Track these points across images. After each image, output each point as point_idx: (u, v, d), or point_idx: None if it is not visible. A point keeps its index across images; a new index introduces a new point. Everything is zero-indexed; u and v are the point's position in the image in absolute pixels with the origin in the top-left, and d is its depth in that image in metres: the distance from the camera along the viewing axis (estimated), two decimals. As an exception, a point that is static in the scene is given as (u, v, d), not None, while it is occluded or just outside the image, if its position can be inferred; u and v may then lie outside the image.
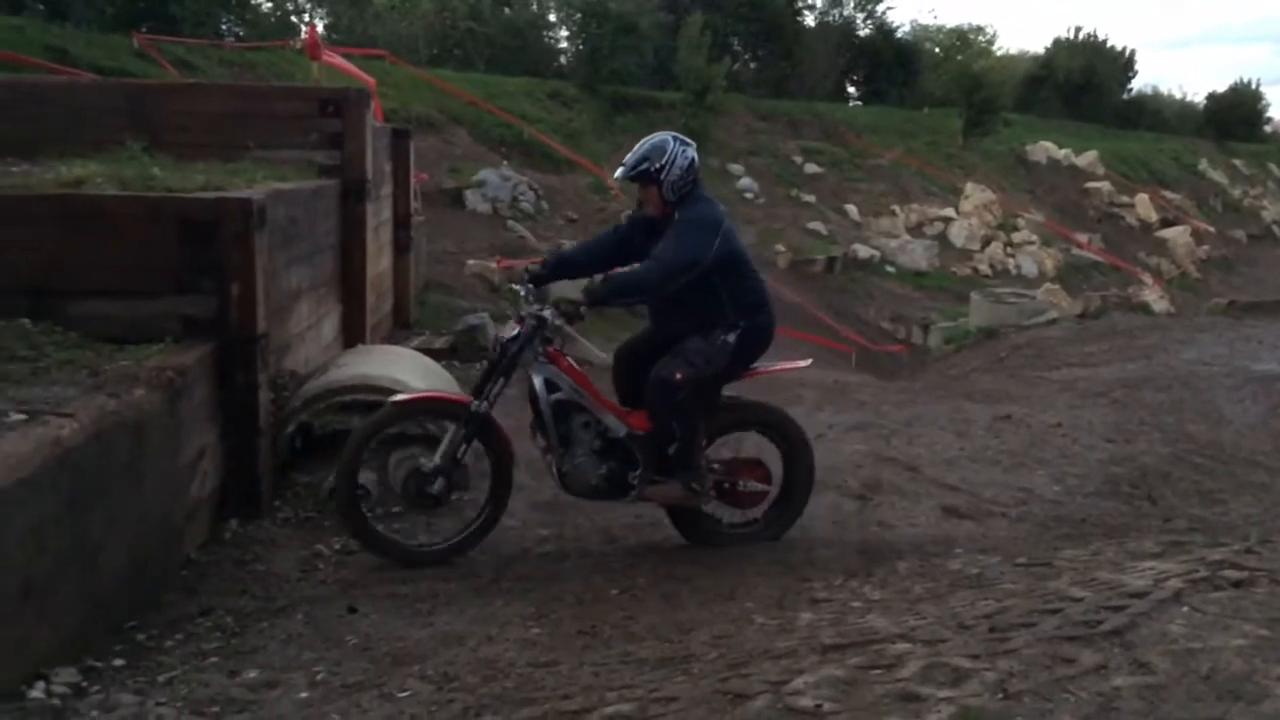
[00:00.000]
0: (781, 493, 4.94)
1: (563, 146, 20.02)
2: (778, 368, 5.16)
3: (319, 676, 3.22)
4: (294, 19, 22.77)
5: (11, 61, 10.04)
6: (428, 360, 6.44)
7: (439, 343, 9.20)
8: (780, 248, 19.75)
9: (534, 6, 26.33)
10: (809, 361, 5.68)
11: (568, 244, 15.74)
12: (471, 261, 13.44)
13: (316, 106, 6.85)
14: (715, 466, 4.78)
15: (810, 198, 22.52)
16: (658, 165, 4.52)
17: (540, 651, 3.46)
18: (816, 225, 21.31)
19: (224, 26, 17.96)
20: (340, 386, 5.25)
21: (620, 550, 4.82)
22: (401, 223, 9.71)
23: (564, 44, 26.81)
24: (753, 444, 5.00)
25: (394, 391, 5.29)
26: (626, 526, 5.09)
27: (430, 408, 4.74)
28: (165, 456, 4.03)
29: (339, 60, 11.65)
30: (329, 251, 6.81)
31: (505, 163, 18.31)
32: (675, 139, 4.64)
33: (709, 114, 22.70)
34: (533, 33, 25.60)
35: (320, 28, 21.99)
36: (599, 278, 4.76)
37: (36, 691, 3.00)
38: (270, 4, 22.24)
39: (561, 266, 4.87)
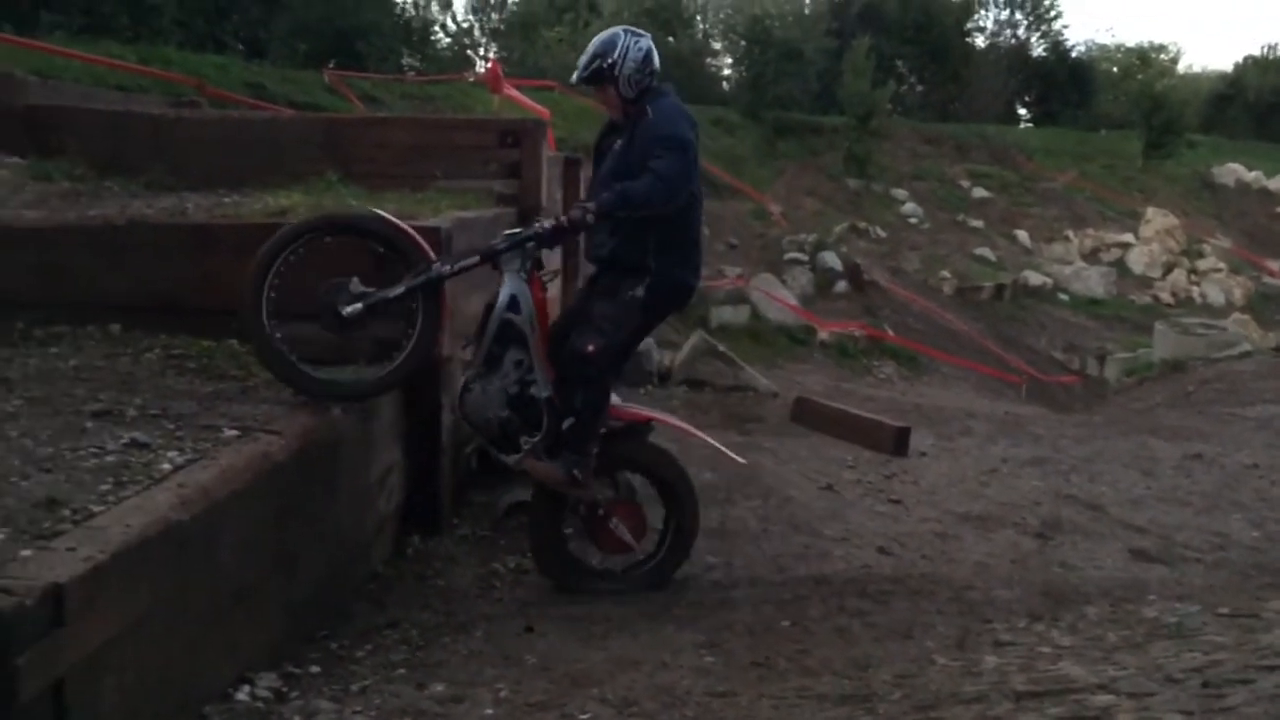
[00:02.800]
0: (654, 551, 4.57)
1: (725, 173, 20.10)
2: (644, 413, 4.77)
3: (502, 694, 3.29)
4: (470, 53, 23.65)
5: (216, 98, 10.77)
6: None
7: (604, 367, 9.34)
8: (946, 274, 19.27)
9: (698, 35, 26.55)
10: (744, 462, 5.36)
11: (730, 270, 15.81)
12: (635, 287, 13.58)
13: (496, 137, 7.06)
14: (601, 487, 4.46)
15: (978, 223, 21.91)
16: (610, 61, 4.28)
17: (715, 681, 3.44)
18: (984, 251, 20.70)
19: (405, 61, 18.88)
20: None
21: (789, 580, 4.76)
22: (569, 250, 9.89)
23: (727, 71, 26.94)
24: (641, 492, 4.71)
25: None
26: (796, 557, 5.04)
27: (400, 237, 4.20)
28: (357, 473, 4.22)
29: (516, 93, 12.03)
30: (504, 277, 7.00)
31: (667, 189, 18.47)
32: (626, 31, 4.40)
33: (873, 138, 22.41)
34: (696, 60, 25.82)
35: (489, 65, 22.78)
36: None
37: (242, 694, 3.16)
38: (448, 40, 23.18)
39: None
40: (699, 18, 28.05)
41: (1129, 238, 22.02)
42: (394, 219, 4.25)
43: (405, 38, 18.59)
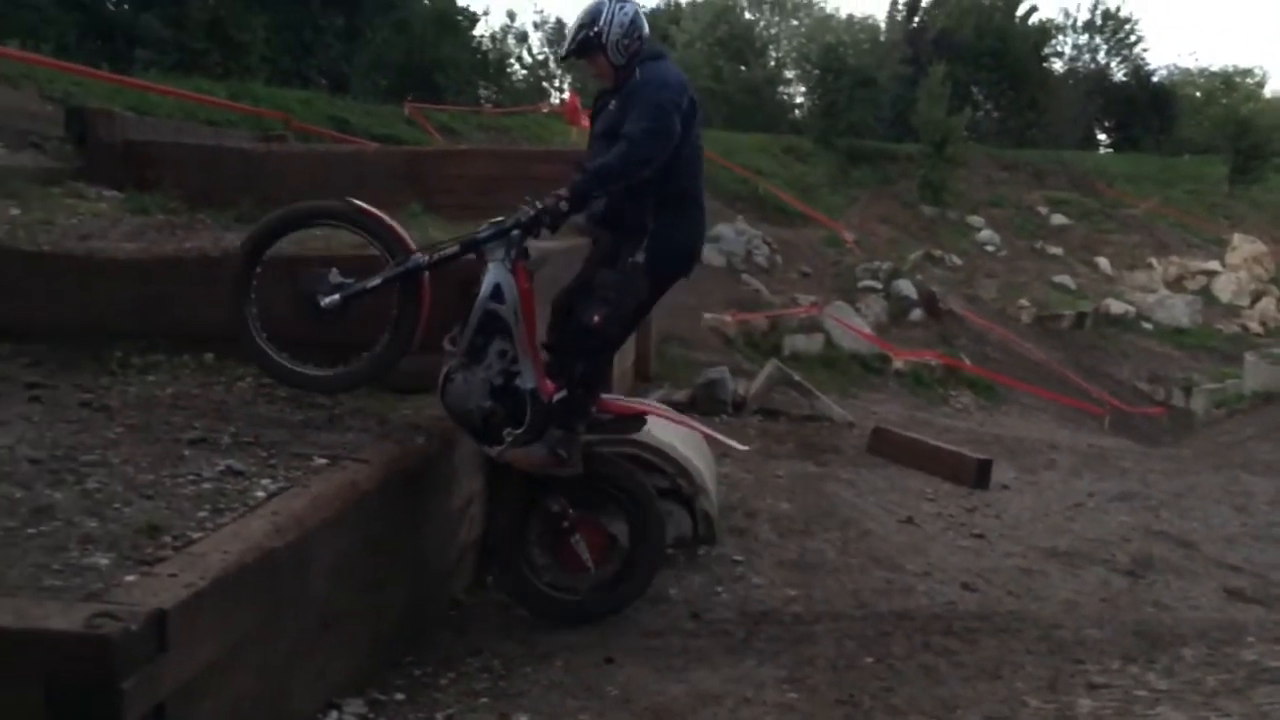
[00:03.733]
0: (615, 574, 4.41)
1: (797, 200, 20.06)
2: (635, 406, 4.62)
3: (585, 726, 3.29)
4: (544, 85, 24.00)
5: (301, 131, 11.08)
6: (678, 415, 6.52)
7: (679, 395, 9.33)
8: (1024, 302, 18.94)
9: (770, 64, 26.61)
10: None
11: (803, 298, 15.72)
12: (708, 315, 13.60)
13: (574, 168, 7.14)
14: (565, 500, 4.26)
15: (1057, 250, 21.53)
16: (596, 29, 4.22)
17: (800, 718, 3.40)
18: (1064, 279, 20.32)
19: (481, 93, 19.24)
20: (594, 439, 5.39)
21: (872, 615, 4.67)
22: (645, 278, 9.93)
23: (800, 99, 26.94)
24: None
25: (647, 446, 5.42)
26: (877, 591, 4.95)
27: (380, 227, 4.17)
28: (440, 502, 4.26)
29: (591, 123, 12.14)
30: (582, 306, 7.06)
31: (740, 217, 18.52)
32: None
33: (948, 165, 22.21)
34: (768, 90, 25.87)
35: (564, 96, 23.06)
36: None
37: (330, 720, 3.21)
38: (524, 72, 23.56)
39: None
40: (771, 47, 28.13)
41: (1215, 265, 21.45)
42: (373, 209, 4.18)
43: (482, 70, 18.95)
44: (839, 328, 14.47)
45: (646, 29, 4.36)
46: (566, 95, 20.88)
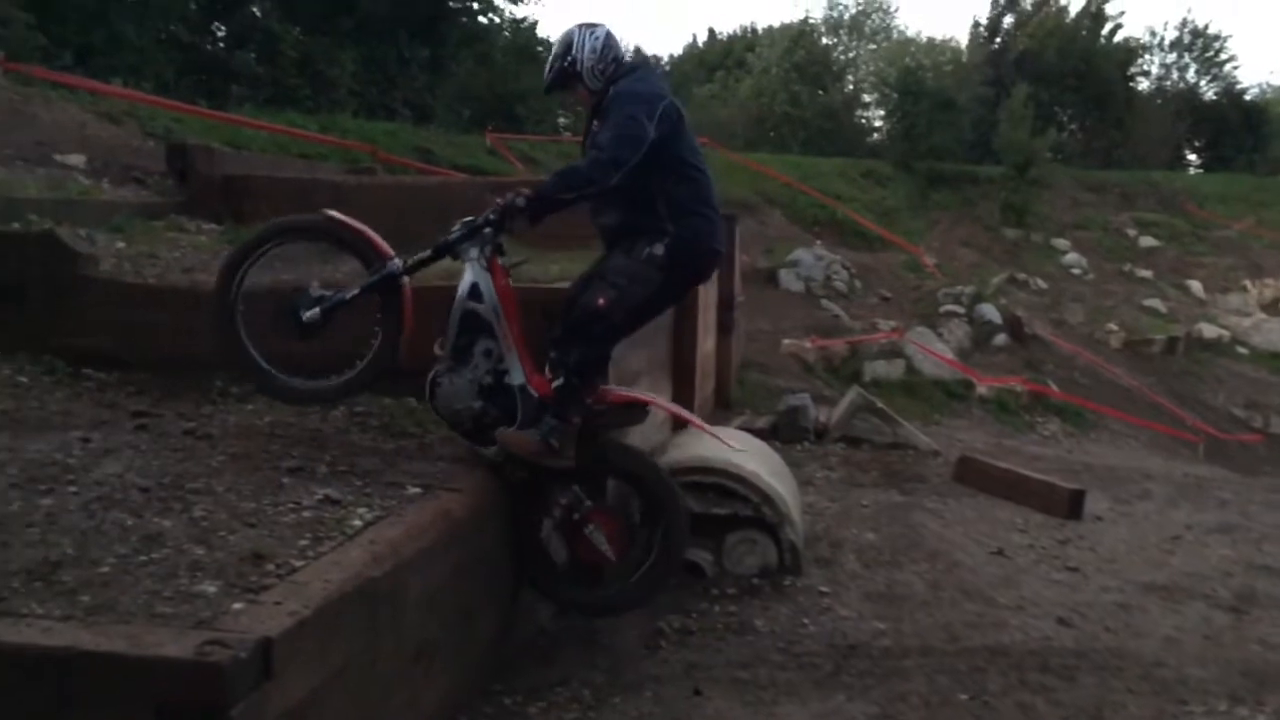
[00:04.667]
0: (636, 568, 4.25)
1: (876, 225, 19.87)
2: (636, 395, 4.46)
3: (675, 759, 3.28)
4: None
5: (387, 162, 11.34)
6: (760, 443, 6.50)
7: (760, 422, 9.28)
8: (1112, 326, 18.45)
9: (848, 88, 26.51)
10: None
11: (884, 324, 15.56)
12: (787, 341, 13.53)
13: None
14: (578, 490, 4.15)
15: (1146, 273, 20.95)
16: (570, 59, 4.23)
17: (893, 756, 3.34)
18: (1154, 303, 19.75)
19: (561, 122, 19.50)
20: (681, 468, 5.39)
21: (964, 650, 4.58)
22: (725, 304, 9.94)
23: (878, 122, 26.76)
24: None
25: (730, 474, 5.40)
26: (969, 625, 4.85)
27: (355, 236, 4.17)
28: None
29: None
30: (664, 334, 7.08)
31: (818, 242, 18.41)
32: (579, 27, 4.30)
33: (1031, 187, 21.81)
34: (846, 114, 25.76)
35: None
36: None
37: (422, 747, 3.24)
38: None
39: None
40: (849, 71, 28.04)
41: (1314, 288, 20.67)
42: (346, 219, 4.19)
43: (561, 99, 19.25)
44: (920, 353, 14.26)
45: (621, 49, 4.37)
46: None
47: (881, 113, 26.36)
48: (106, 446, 3.73)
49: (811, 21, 29.35)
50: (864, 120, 27.07)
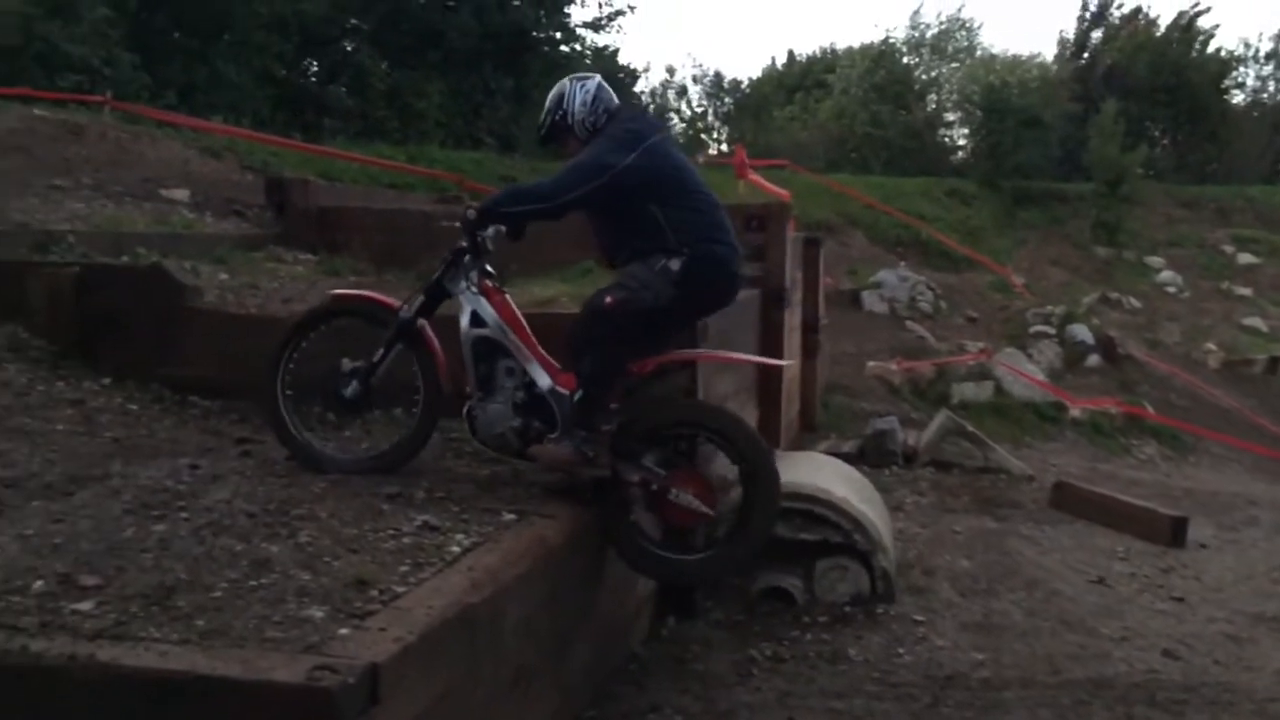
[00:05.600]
0: (736, 522, 4.09)
1: (961, 245, 19.55)
2: (726, 355, 4.47)
3: (772, 790, 3.24)
4: (703, 136, 24.32)
5: (474, 191, 11.55)
6: (848, 468, 6.43)
7: (846, 446, 9.18)
8: (1210, 346, 17.85)
9: (931, 107, 26.22)
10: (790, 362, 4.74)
11: (971, 345, 15.28)
12: (871, 363, 13.36)
13: (742, 222, 7.19)
14: (646, 463, 4.03)
15: (1245, 291, 20.24)
16: (560, 113, 4.26)
17: (996, 791, 3.26)
18: (1254, 321, 19.07)
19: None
20: (769, 493, 5.36)
21: (1066, 683, 4.46)
22: (810, 327, 9.89)
23: (962, 141, 26.40)
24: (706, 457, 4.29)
25: (820, 500, 5.35)
26: (1071, 657, 4.72)
27: (365, 307, 4.29)
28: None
29: (760, 179, 12.25)
30: (750, 357, 7.07)
31: (902, 263, 18.19)
32: (571, 80, 4.33)
33: (1123, 204, 21.25)
34: (930, 133, 25.46)
35: (721, 147, 23.28)
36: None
37: (520, 772, 3.26)
38: (682, 125, 23.96)
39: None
40: (931, 90, 27.74)
41: None
42: (347, 291, 4.45)
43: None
44: (1010, 375, 13.96)
45: (612, 100, 4.36)
46: (724, 147, 21.14)
47: (965, 131, 26.03)
48: (214, 473, 3.85)
49: (892, 41, 29.14)
50: (947, 139, 26.72)
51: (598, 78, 4.38)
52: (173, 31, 14.28)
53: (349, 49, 17.70)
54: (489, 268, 4.19)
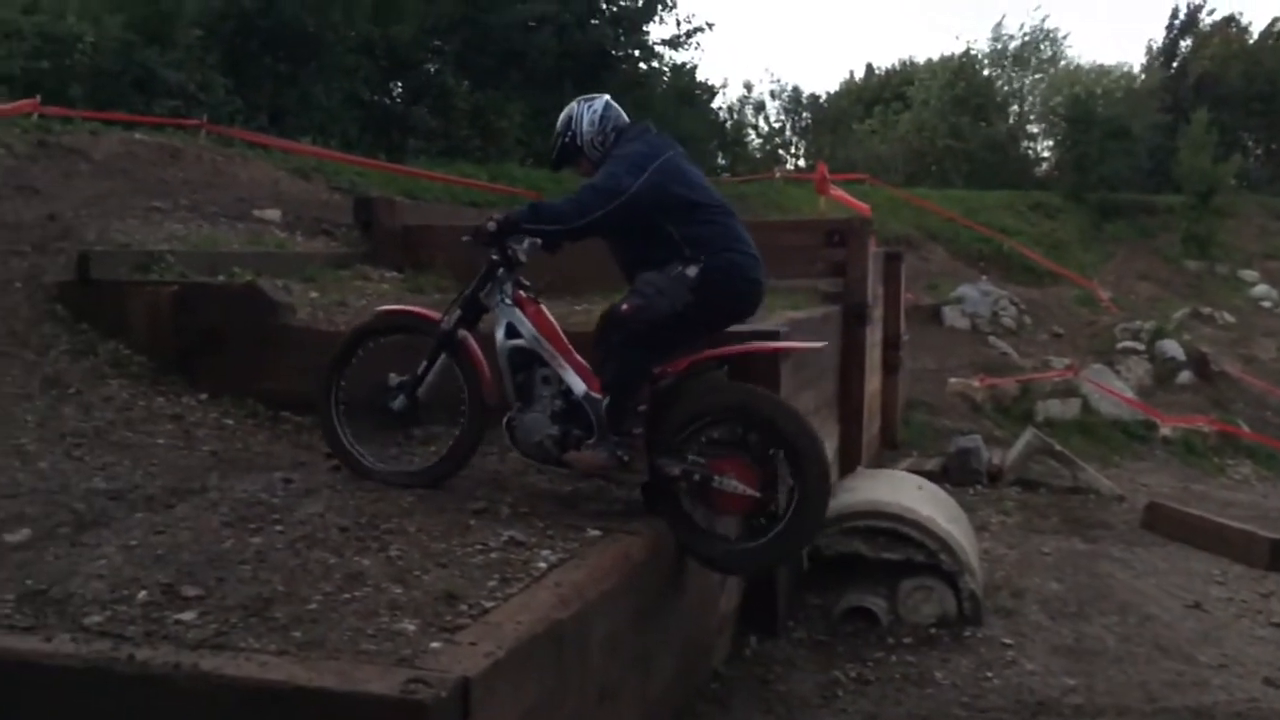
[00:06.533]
0: (787, 507, 3.86)
1: (1045, 259, 19.16)
2: (759, 346, 4.30)
3: (858, 814, 3.21)
4: (780, 152, 24.25)
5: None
6: (933, 486, 6.35)
7: (929, 464, 9.06)
8: (1310, 363, 17.21)
9: (1013, 119, 25.79)
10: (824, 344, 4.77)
11: (1056, 361, 14.96)
12: (953, 380, 13.16)
13: (823, 237, 7.17)
14: (690, 456, 3.90)
15: (1345, 305, 19.50)
16: (569, 135, 4.24)
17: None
18: (1356, 337, 18.34)
19: (720, 163, 19.67)
20: (852, 512, 5.32)
21: (1162, 711, 4.33)
22: (891, 343, 9.80)
23: (1046, 153, 25.90)
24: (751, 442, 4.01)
25: (905, 519, 5.29)
26: (1167, 684, 4.58)
27: (409, 321, 4.37)
28: (702, 572, 4.29)
29: (842, 193, 12.18)
30: (831, 374, 7.02)
31: (984, 277, 17.88)
32: (578, 101, 4.31)
33: (1215, 217, 20.65)
34: (1013, 145, 25.03)
35: (799, 162, 23.17)
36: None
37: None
38: (759, 140, 23.91)
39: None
40: (1014, 101, 27.28)
41: None
42: (392, 306, 4.57)
43: (721, 143, 19.41)
44: (1098, 392, 13.62)
45: (620, 118, 4.34)
46: (801, 162, 21.05)
47: (1049, 143, 25.54)
48: (307, 487, 3.95)
49: (974, 53, 28.72)
50: (1030, 151, 26.23)
51: (605, 97, 4.39)
52: (264, 56, 14.72)
53: (433, 70, 18.05)
54: (523, 279, 4.22)
